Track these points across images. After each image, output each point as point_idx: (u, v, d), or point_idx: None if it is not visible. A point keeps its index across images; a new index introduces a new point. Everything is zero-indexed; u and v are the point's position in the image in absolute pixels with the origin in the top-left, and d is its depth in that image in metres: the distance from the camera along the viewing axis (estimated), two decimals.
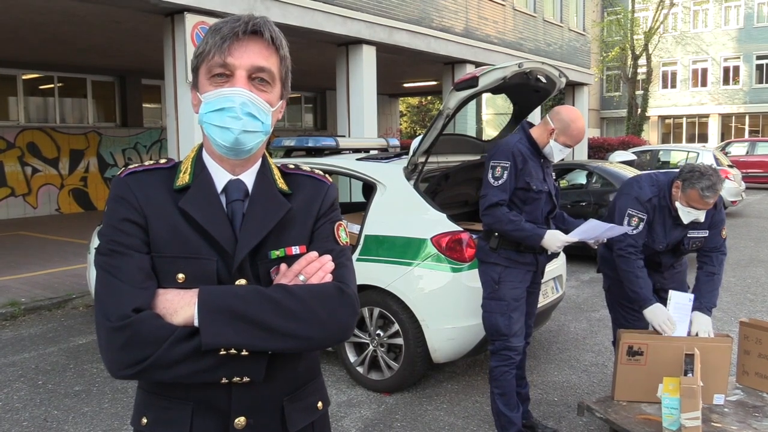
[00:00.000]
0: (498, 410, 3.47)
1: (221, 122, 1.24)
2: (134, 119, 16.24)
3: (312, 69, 14.80)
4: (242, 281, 1.26)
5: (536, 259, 3.47)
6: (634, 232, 3.41)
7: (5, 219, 13.43)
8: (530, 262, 3.46)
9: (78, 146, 15.01)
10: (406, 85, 20.02)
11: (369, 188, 4.79)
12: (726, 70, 34.31)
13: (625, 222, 3.43)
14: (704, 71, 35.00)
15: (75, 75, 15.08)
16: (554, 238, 3.29)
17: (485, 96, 8.31)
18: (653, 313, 3.29)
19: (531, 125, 3.51)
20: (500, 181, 3.29)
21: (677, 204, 3.36)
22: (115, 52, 12.65)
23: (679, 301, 3.32)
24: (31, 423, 3.90)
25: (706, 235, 3.52)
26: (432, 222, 4.14)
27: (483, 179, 3.40)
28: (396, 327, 4.17)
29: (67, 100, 15.22)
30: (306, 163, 1.63)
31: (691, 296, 3.36)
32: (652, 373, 3.14)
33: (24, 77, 14.28)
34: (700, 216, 3.35)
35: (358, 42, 11.08)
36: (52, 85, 14.84)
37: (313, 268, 1.29)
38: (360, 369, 4.39)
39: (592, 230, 3.28)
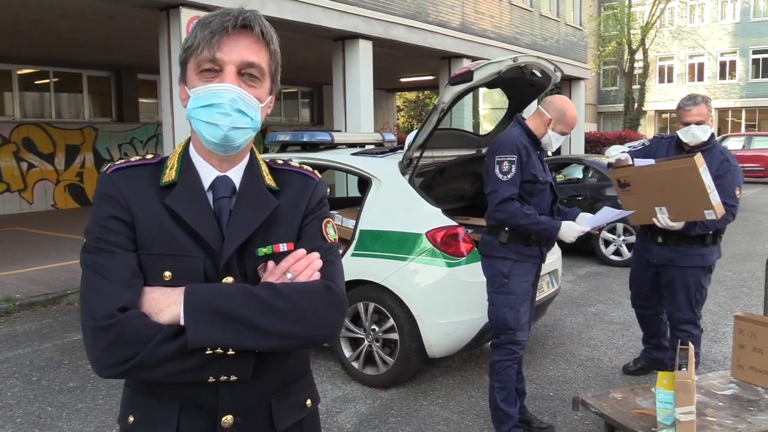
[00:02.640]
0: (496, 404, 3.47)
1: (210, 118, 1.22)
2: (130, 114, 16.19)
3: (308, 64, 14.76)
4: (229, 279, 1.25)
5: (541, 251, 3.49)
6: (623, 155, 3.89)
7: (1, 215, 13.38)
8: (537, 255, 3.47)
9: (74, 141, 14.96)
10: (402, 79, 19.99)
11: (364, 183, 4.78)
12: (722, 65, 34.35)
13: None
14: (701, 66, 35.04)
15: (71, 70, 15.02)
16: (570, 229, 3.32)
17: (482, 91, 8.31)
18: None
19: (524, 118, 3.51)
20: (509, 176, 3.27)
21: (678, 132, 3.86)
22: (111, 47, 12.61)
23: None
24: (25, 419, 3.89)
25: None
26: (427, 217, 4.13)
27: (487, 175, 3.36)
28: (391, 322, 4.16)
29: (63, 95, 15.17)
30: (301, 158, 1.62)
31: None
32: (644, 199, 3.67)
33: (19, 72, 14.23)
34: (699, 132, 3.74)
35: (355, 37, 11.05)
36: (47, 80, 14.78)
37: (301, 266, 1.27)
38: (355, 364, 4.38)
39: (604, 217, 3.42)
